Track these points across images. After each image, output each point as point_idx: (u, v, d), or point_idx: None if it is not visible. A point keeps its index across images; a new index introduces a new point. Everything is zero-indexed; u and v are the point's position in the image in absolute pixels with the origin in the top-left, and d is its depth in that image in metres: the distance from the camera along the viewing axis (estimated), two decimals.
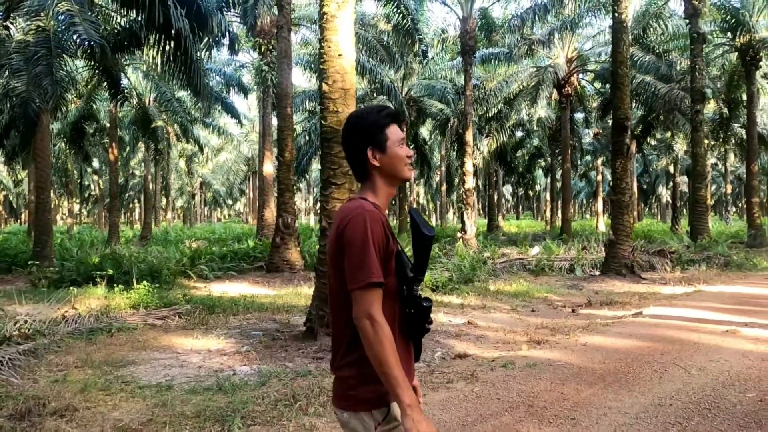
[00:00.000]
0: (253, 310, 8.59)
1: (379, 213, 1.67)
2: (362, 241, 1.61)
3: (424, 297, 1.72)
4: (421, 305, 1.70)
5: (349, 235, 1.63)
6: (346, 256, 1.64)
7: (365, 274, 1.59)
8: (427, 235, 1.68)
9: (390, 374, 1.56)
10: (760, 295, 9.54)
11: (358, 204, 1.69)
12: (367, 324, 1.58)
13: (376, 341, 1.57)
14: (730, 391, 4.41)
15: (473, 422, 3.86)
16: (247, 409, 4.11)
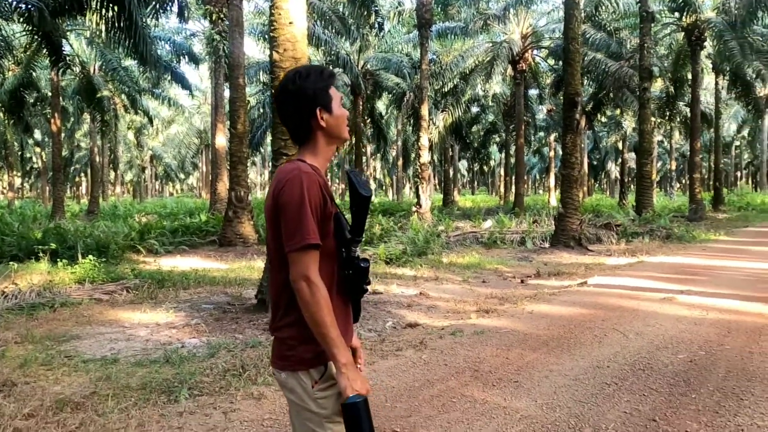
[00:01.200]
0: (205, 284, 8.47)
1: (316, 175, 1.66)
2: (299, 203, 1.59)
3: (362, 258, 1.72)
4: (359, 266, 1.70)
5: (285, 197, 1.62)
6: (283, 218, 1.62)
7: (302, 235, 1.58)
8: (364, 195, 1.68)
9: (326, 334, 1.57)
10: (696, 265, 10.02)
11: (295, 166, 1.67)
12: (304, 285, 1.58)
13: (313, 302, 1.57)
14: (663, 353, 4.65)
15: (420, 387, 3.95)
16: (195, 380, 4.07)
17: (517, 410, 3.50)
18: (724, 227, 18.25)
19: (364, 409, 1.16)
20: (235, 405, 3.67)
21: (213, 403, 3.72)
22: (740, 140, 51.45)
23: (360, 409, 1.06)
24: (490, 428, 3.25)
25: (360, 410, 1.11)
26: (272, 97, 6.81)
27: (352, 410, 1.50)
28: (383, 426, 3.30)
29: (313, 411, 1.62)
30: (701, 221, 20.35)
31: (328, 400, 1.61)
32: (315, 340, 1.61)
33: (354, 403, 1.13)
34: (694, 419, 3.32)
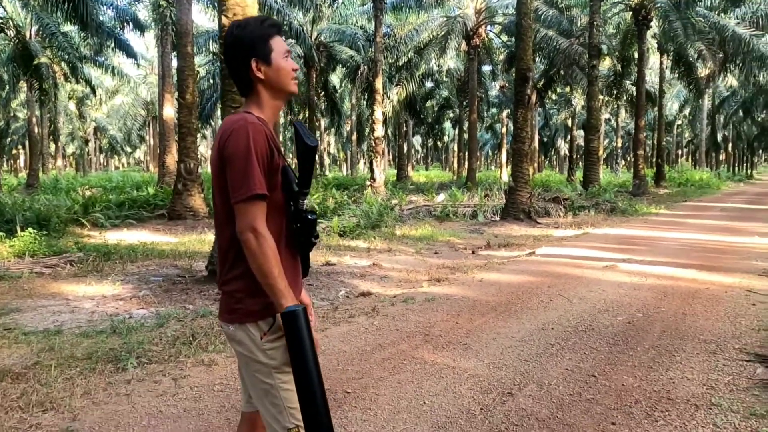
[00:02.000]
0: (154, 257, 8.28)
1: (262, 126, 1.63)
2: (245, 154, 1.57)
3: (310, 210, 1.72)
4: (307, 219, 1.70)
5: (231, 148, 1.59)
6: (229, 170, 1.60)
7: (248, 186, 1.57)
8: (310, 145, 1.67)
9: (274, 285, 1.57)
10: (638, 236, 10.46)
11: (240, 116, 1.64)
12: (251, 237, 1.57)
13: (260, 254, 1.57)
14: (604, 315, 4.86)
15: (371, 351, 4.01)
16: (143, 349, 4.00)
17: (465, 370, 3.61)
18: (665, 202, 19.08)
19: (304, 318, 1.13)
20: (185, 372, 3.64)
21: (162, 370, 3.67)
22: (682, 119, 53.50)
23: (299, 317, 1.03)
24: (438, 387, 3.34)
25: (299, 318, 1.08)
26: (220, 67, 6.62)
27: (291, 318, 1.45)
28: (335, 388, 3.35)
29: (262, 362, 1.62)
30: (644, 196, 21.20)
31: (276, 351, 1.62)
32: (263, 292, 1.60)
33: (293, 311, 1.08)
34: (630, 374, 3.51)
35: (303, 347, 0.79)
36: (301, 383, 0.90)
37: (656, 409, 3.00)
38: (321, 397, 0.84)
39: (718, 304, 5.21)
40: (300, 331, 1.26)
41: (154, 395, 3.28)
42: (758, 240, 9.52)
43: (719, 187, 29.43)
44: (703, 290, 5.77)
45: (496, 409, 3.03)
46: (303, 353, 0.77)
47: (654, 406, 3.04)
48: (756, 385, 3.32)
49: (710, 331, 4.38)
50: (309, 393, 0.82)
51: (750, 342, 4.09)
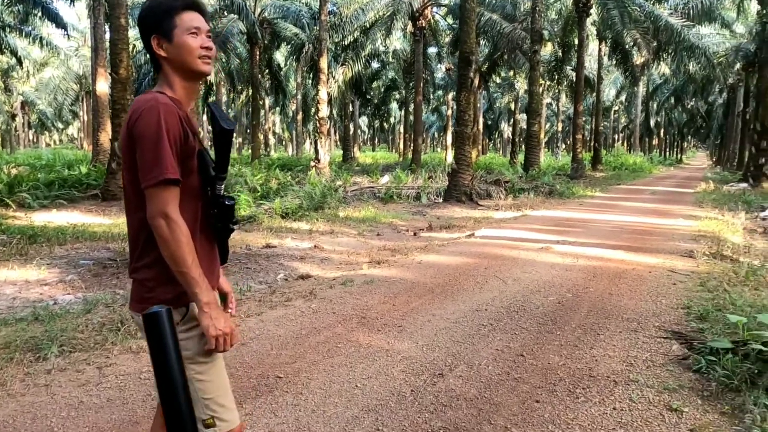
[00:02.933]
0: (84, 240, 7.92)
1: (175, 106, 1.56)
2: (155, 135, 1.49)
3: (227, 196, 1.66)
4: (224, 204, 1.64)
5: (140, 129, 1.51)
6: (138, 152, 1.52)
7: (159, 170, 1.49)
8: (225, 128, 1.61)
9: (187, 273, 1.51)
10: (573, 218, 10.83)
11: (151, 96, 1.56)
12: (162, 223, 1.50)
13: (172, 240, 1.50)
14: (536, 296, 5.02)
15: (306, 335, 3.99)
16: (67, 337, 3.83)
17: (399, 352, 3.64)
18: (600, 185, 19.82)
19: (168, 319, 1.06)
20: (111, 360, 3.52)
21: (86, 359, 3.53)
22: (618, 105, 55.47)
23: (161, 319, 0.95)
24: (372, 370, 3.36)
25: (161, 321, 1.00)
26: None
27: (152, 321, 1.34)
28: (267, 373, 3.31)
29: None
30: (581, 179, 21.94)
31: (190, 341, 1.57)
32: (175, 281, 1.55)
33: (155, 313, 0.99)
34: (556, 353, 3.64)
35: (165, 350, 0.73)
36: (164, 389, 0.83)
37: (578, 387, 3.13)
38: (185, 401, 0.79)
39: (642, 283, 5.47)
40: (161, 335, 1.17)
41: (76, 385, 3.15)
42: (682, 222, 10.04)
43: (651, 171, 30.82)
44: (629, 270, 6.04)
45: (427, 390, 3.08)
46: (164, 357, 0.72)
47: (576, 384, 3.17)
48: (671, 361, 3.51)
49: (633, 309, 4.59)
50: (172, 398, 0.77)
51: (668, 320, 4.32)
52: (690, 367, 3.37)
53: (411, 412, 2.82)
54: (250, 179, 14.02)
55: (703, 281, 5.46)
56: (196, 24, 1.62)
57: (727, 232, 8.69)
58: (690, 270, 6.03)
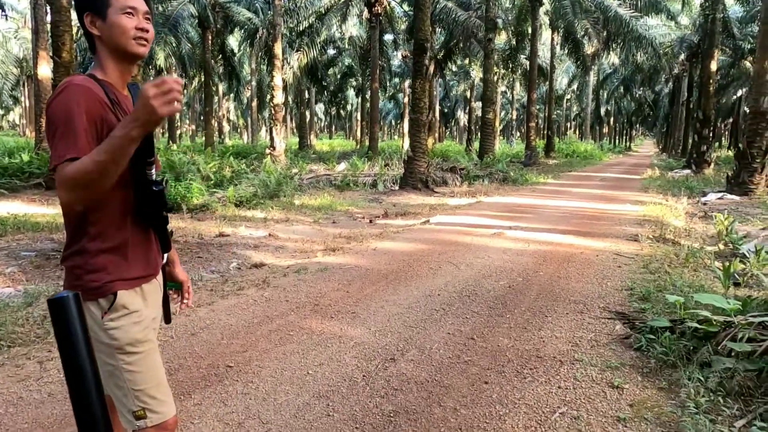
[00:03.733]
0: (26, 230, 7.59)
1: (90, 87, 1.47)
2: (66, 115, 1.41)
3: (156, 180, 1.58)
4: (152, 190, 1.56)
5: (51, 109, 1.43)
6: (48, 132, 1.44)
7: (65, 148, 1.39)
8: None
9: (102, 155, 1.33)
10: (526, 204, 11.05)
11: (69, 78, 1.48)
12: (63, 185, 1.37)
13: (79, 174, 1.34)
14: (488, 280, 5.11)
15: (259, 323, 3.95)
16: (6, 331, 3.68)
17: (351, 338, 3.65)
18: (553, 171, 20.30)
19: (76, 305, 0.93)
20: (53, 353, 3.40)
21: (27, 353, 3.40)
22: (570, 94, 56.78)
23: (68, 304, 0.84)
24: (323, 356, 3.36)
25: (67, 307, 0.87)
26: None
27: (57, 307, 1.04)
28: (217, 362, 3.27)
29: (104, 342, 1.51)
30: (535, 166, 22.41)
31: (118, 331, 1.52)
32: (100, 269, 1.50)
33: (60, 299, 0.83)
34: (506, 335, 3.72)
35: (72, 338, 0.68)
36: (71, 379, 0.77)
37: (526, 367, 3.21)
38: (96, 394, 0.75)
39: (589, 267, 5.64)
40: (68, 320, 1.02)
41: (15, 380, 3.03)
42: (629, 207, 10.39)
43: (602, 159, 31.75)
44: (577, 255, 6.22)
45: (378, 375, 3.10)
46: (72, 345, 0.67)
47: (524, 365, 3.25)
48: (614, 340, 3.65)
49: (580, 292, 4.74)
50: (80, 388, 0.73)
51: (613, 301, 4.48)
52: (631, 346, 3.51)
53: (362, 397, 2.84)
54: (203, 167, 13.69)
55: (646, 264, 5.67)
56: (132, 4, 1.54)
57: (670, 216, 9.05)
58: (634, 253, 6.25)
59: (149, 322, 1.62)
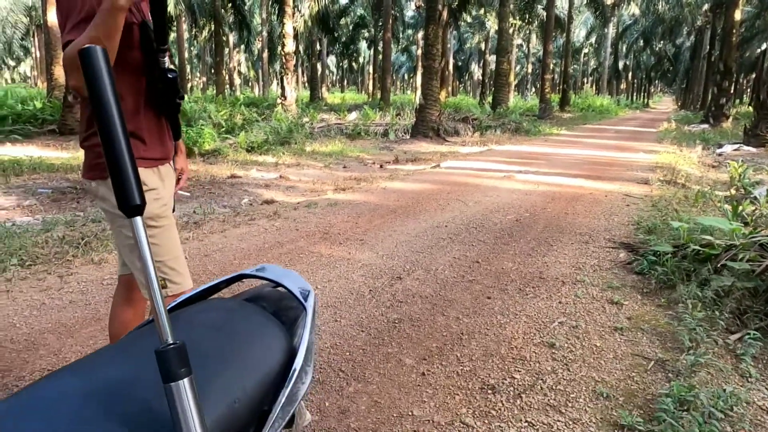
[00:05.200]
0: (42, 171, 7.73)
1: None
2: (66, 2, 1.44)
3: (170, 69, 1.64)
4: (167, 77, 1.62)
5: None
6: (60, 19, 1.47)
7: (67, 33, 1.42)
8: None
9: (92, 31, 1.35)
10: (537, 152, 10.99)
11: None
12: (65, 66, 1.40)
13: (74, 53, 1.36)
14: (495, 215, 5.16)
15: (269, 248, 4.06)
16: (26, 251, 3.82)
17: (359, 261, 3.75)
18: (567, 124, 20.04)
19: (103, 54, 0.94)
20: (72, 270, 3.53)
21: (47, 269, 3.54)
22: (588, 47, 55.34)
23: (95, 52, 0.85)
24: (332, 275, 3.46)
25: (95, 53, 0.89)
26: None
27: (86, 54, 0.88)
28: None
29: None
30: (548, 119, 22.11)
31: None
32: None
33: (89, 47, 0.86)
34: (510, 260, 3.80)
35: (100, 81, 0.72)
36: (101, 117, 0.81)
37: (528, 286, 3.30)
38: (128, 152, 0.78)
39: (597, 205, 5.67)
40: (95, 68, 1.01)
41: (38, 290, 3.17)
42: (642, 156, 10.30)
43: (617, 113, 31.20)
44: (586, 195, 6.24)
45: (384, 290, 3.20)
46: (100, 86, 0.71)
47: (527, 284, 3.33)
48: (617, 265, 3.71)
49: (586, 226, 4.78)
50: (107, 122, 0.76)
51: (618, 234, 4.52)
52: (633, 270, 3.57)
53: (368, 307, 2.95)
54: (215, 114, 13.70)
55: (655, 203, 5.68)
56: None
57: (683, 164, 8.97)
58: (644, 194, 6.26)
59: (167, 200, 1.70)
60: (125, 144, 0.79)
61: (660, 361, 2.39)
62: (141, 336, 0.91)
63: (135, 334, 0.96)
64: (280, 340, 0.95)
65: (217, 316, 0.97)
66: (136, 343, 0.89)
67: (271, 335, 0.95)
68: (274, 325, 0.98)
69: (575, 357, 2.42)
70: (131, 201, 0.77)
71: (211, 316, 0.97)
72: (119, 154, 0.77)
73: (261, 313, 1.01)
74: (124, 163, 0.77)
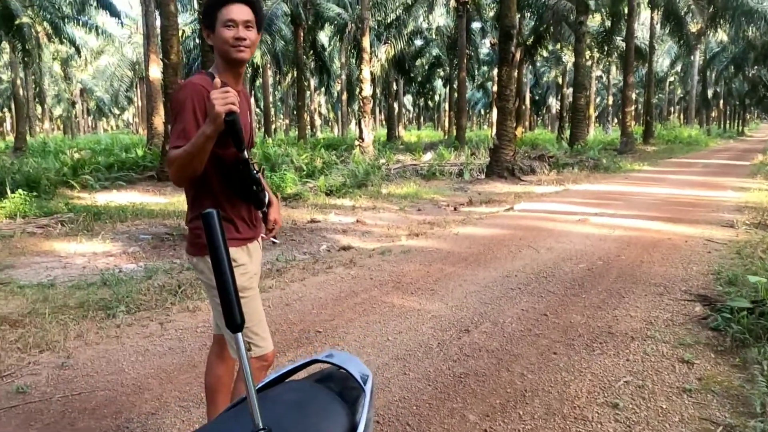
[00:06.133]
0: (143, 217, 8.50)
1: (203, 86, 1.81)
2: (180, 108, 1.79)
3: (251, 162, 1.91)
4: (240, 167, 1.89)
5: (173, 102, 1.84)
6: (170, 120, 1.83)
7: (174, 137, 1.79)
8: (227, 120, 1.82)
9: (189, 148, 1.73)
10: (615, 191, 10.75)
11: (190, 78, 1.87)
12: (170, 162, 1.79)
13: (174, 161, 1.77)
14: (567, 264, 5.18)
15: (345, 297, 4.31)
16: (132, 298, 4.28)
17: (429, 312, 3.92)
18: (650, 159, 19.34)
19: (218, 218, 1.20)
20: (170, 317, 3.93)
21: (149, 316, 3.96)
22: (674, 76, 53.27)
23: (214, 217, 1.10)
24: (402, 326, 3.65)
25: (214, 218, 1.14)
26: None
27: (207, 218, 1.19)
28: (308, 328, 3.65)
29: None
30: (630, 153, 21.43)
31: None
32: None
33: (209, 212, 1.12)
34: (579, 313, 3.83)
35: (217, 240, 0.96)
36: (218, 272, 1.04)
37: (596, 342, 3.33)
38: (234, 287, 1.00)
39: (675, 252, 5.53)
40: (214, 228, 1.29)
41: (142, 337, 3.57)
42: (730, 194, 9.83)
43: (707, 144, 29.67)
44: (665, 240, 6.09)
45: (452, 343, 3.35)
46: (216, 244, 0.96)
47: (594, 339, 3.36)
48: (691, 320, 3.65)
49: (662, 275, 4.70)
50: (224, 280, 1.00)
51: (696, 285, 4.42)
52: (708, 326, 3.51)
53: (436, 361, 3.10)
54: (296, 159, 14.46)
55: (739, 249, 5.47)
56: (232, 16, 1.86)
57: None
58: (728, 239, 6.02)
59: (252, 274, 1.98)
60: (233, 281, 1.05)
61: (728, 427, 2.38)
62: (235, 417, 1.14)
63: (226, 417, 1.19)
64: (344, 418, 1.15)
65: (295, 397, 1.18)
66: (229, 426, 1.11)
67: (337, 413, 1.15)
68: (339, 405, 1.18)
69: (639, 419, 2.45)
70: (236, 321, 1.03)
71: (291, 397, 1.19)
72: (229, 286, 1.04)
73: (329, 393, 1.21)
74: (232, 296, 1.03)
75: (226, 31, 1.87)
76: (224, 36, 1.86)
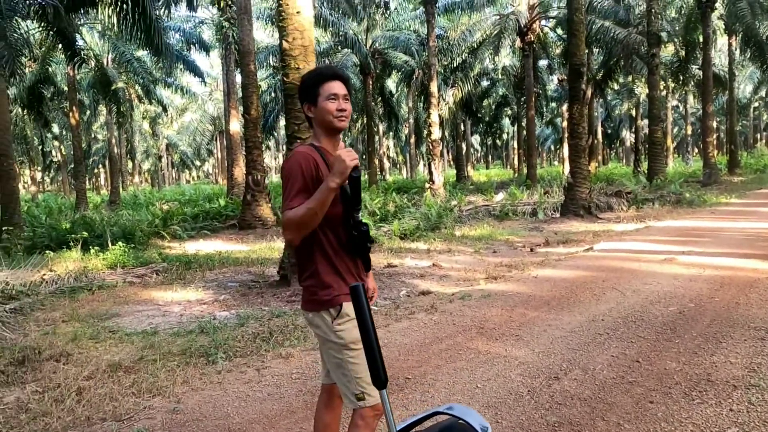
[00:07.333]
0: (229, 265, 8.97)
1: (310, 153, 2.04)
2: (291, 174, 2.00)
3: (363, 222, 2.10)
4: (361, 229, 2.08)
5: (284, 169, 2.06)
6: (283, 185, 2.04)
7: (289, 200, 1.98)
8: (353, 176, 2.02)
9: (310, 208, 1.91)
10: (702, 227, 10.28)
11: (298, 147, 2.09)
12: (287, 227, 1.97)
13: (296, 218, 1.93)
14: (656, 306, 5.02)
15: (430, 343, 4.38)
16: (228, 345, 4.55)
17: (515, 358, 3.92)
18: (737, 190, 18.35)
19: (363, 290, 1.43)
20: (266, 363, 4.14)
21: (246, 362, 4.19)
22: (758, 101, 50.60)
23: (359, 290, 1.31)
24: (491, 373, 3.67)
25: (360, 292, 1.35)
26: (282, 84, 7.18)
27: (355, 291, 1.53)
28: (397, 375, 3.74)
29: (334, 341, 2.04)
30: (715, 185, 20.42)
31: (344, 332, 2.03)
32: (330, 286, 2.02)
33: (356, 286, 1.43)
34: (674, 359, 3.71)
35: (364, 311, 1.12)
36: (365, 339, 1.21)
37: (695, 390, 3.22)
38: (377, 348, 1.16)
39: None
40: (361, 298, 1.54)
41: (242, 383, 3.78)
42: None
43: None
44: (762, 279, 5.78)
45: (543, 390, 3.33)
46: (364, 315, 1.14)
47: (693, 387, 3.25)
48: None
49: (762, 318, 4.47)
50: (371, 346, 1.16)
51: None
52: None
53: (527, 409, 3.10)
54: (369, 203, 14.80)
55: None
56: (335, 91, 2.11)
57: None
58: None
59: None
60: (377, 344, 1.21)
61: None
62: None
63: None
64: None
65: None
66: None
67: None
68: None
69: None
70: (380, 378, 1.18)
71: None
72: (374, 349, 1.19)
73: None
74: (377, 357, 1.18)
75: (330, 103, 2.09)
76: (328, 108, 2.09)
